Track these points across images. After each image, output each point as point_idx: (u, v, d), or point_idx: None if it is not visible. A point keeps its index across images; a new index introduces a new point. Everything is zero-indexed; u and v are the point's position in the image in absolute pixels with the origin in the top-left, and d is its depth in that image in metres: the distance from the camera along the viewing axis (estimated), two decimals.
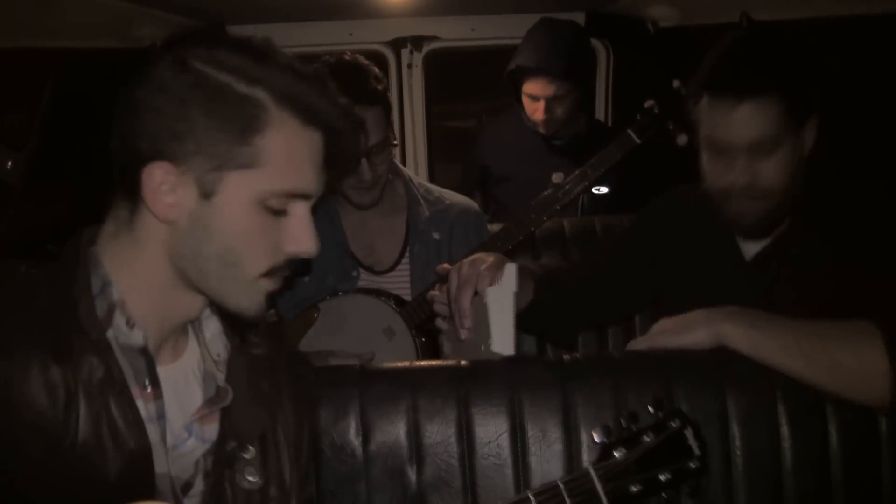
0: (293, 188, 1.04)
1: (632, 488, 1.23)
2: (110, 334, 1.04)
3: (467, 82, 4.86)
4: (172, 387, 1.11)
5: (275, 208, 1.03)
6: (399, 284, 2.12)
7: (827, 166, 1.57)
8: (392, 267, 2.15)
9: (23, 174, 2.54)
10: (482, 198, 3.11)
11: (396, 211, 2.18)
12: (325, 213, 2.14)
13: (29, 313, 1.02)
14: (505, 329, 1.48)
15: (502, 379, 1.46)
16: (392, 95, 3.11)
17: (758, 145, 1.49)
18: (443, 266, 1.95)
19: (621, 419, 1.26)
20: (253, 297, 1.07)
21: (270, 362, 1.23)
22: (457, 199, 2.23)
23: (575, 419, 1.43)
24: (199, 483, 1.10)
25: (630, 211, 2.70)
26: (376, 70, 2.03)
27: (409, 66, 3.26)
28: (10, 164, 2.54)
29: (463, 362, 1.52)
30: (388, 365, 1.56)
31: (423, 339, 2.03)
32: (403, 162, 3.28)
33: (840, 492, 1.42)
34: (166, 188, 1.00)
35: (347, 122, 1.06)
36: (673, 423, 1.27)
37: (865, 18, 2.41)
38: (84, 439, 1.00)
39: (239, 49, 1.01)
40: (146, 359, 1.06)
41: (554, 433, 1.43)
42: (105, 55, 2.68)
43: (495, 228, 2.23)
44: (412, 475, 1.43)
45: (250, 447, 1.14)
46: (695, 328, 1.44)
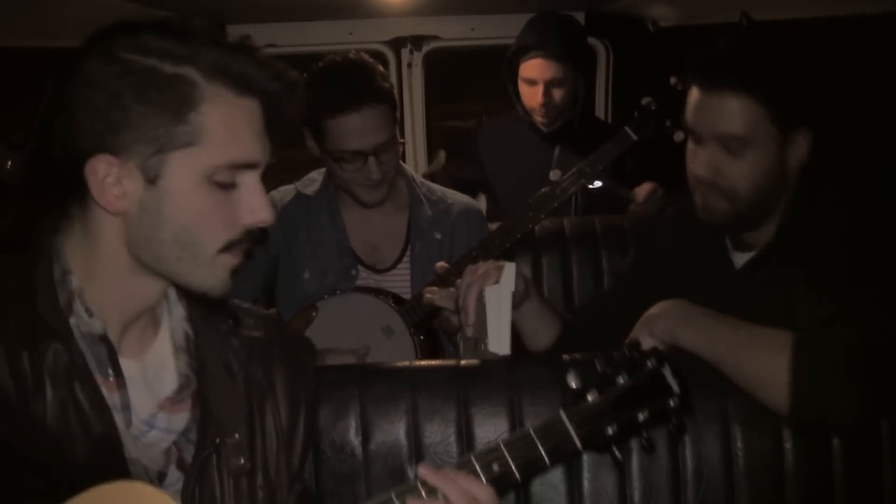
0: (237, 159, 1.03)
1: (608, 430, 1.18)
2: (73, 322, 1.05)
3: (467, 82, 4.86)
4: (141, 377, 1.11)
5: (223, 182, 1.03)
6: (399, 283, 2.12)
7: (820, 172, 1.55)
8: (393, 266, 2.15)
9: (23, 174, 2.54)
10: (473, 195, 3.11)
11: (398, 210, 2.18)
12: (327, 211, 2.15)
13: None
14: (501, 328, 1.48)
15: (502, 379, 1.47)
16: None
17: (724, 141, 1.47)
18: (441, 265, 1.95)
19: (596, 362, 1.22)
20: (217, 275, 1.07)
21: (267, 346, 1.22)
22: (458, 199, 2.23)
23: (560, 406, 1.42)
24: (174, 472, 1.09)
25: (623, 205, 2.72)
26: (382, 68, 2.03)
27: (409, 66, 3.26)
28: (10, 164, 2.54)
29: (463, 362, 1.52)
30: (388, 365, 1.56)
31: (422, 338, 2.03)
32: (403, 161, 3.27)
33: (841, 493, 1.41)
34: (111, 180, 1.01)
35: (281, 85, 1.05)
36: (649, 363, 1.22)
37: (865, 18, 2.41)
38: (52, 425, 1.00)
39: (160, 32, 1.01)
40: (107, 347, 1.06)
41: None
42: None
43: (493, 227, 2.23)
44: (412, 475, 1.43)
45: (235, 434, 1.13)
46: (640, 332, 1.46)
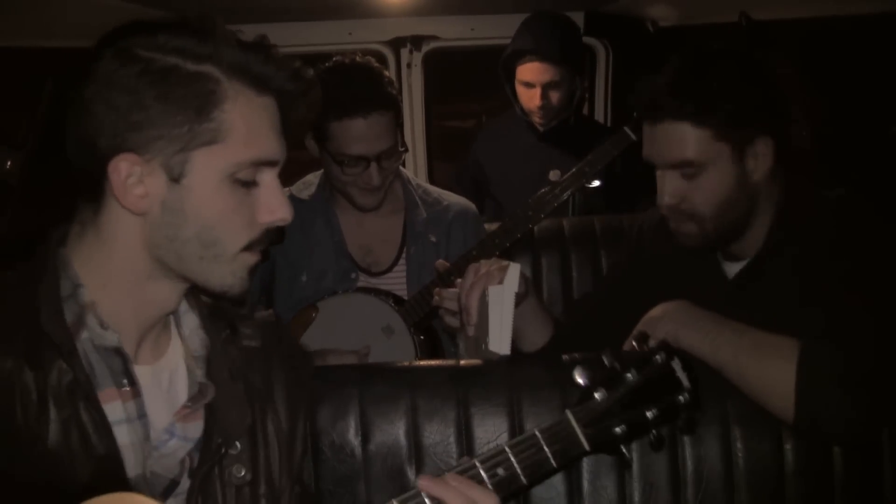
0: (259, 156, 1.04)
1: (616, 430, 1.15)
2: (84, 336, 1.03)
3: (467, 82, 4.87)
4: (156, 385, 1.10)
5: (245, 180, 1.04)
6: (395, 286, 2.12)
7: (809, 176, 1.55)
8: (389, 268, 2.15)
9: (23, 174, 2.54)
10: (476, 200, 3.10)
11: (394, 212, 2.18)
12: (323, 215, 2.14)
13: None
14: (503, 328, 1.48)
15: (502, 379, 1.46)
16: None
17: (678, 167, 1.49)
18: (441, 262, 1.95)
19: (604, 358, 1.18)
20: (237, 273, 1.07)
21: (265, 355, 1.22)
22: (455, 201, 2.23)
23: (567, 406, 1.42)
24: (186, 481, 1.09)
25: (622, 204, 2.72)
26: (388, 73, 2.03)
27: (409, 66, 3.26)
28: (10, 164, 2.54)
29: (463, 362, 1.52)
30: (388, 365, 1.56)
31: (422, 338, 2.03)
32: (402, 162, 3.27)
33: (841, 493, 1.41)
34: (134, 180, 1.00)
35: (298, 84, 1.06)
36: (658, 357, 1.18)
37: (865, 18, 2.41)
38: (54, 445, 0.99)
39: (179, 31, 1.00)
40: (122, 358, 1.05)
41: None
42: None
43: (493, 227, 2.23)
44: (411, 475, 1.43)
45: (237, 443, 1.13)
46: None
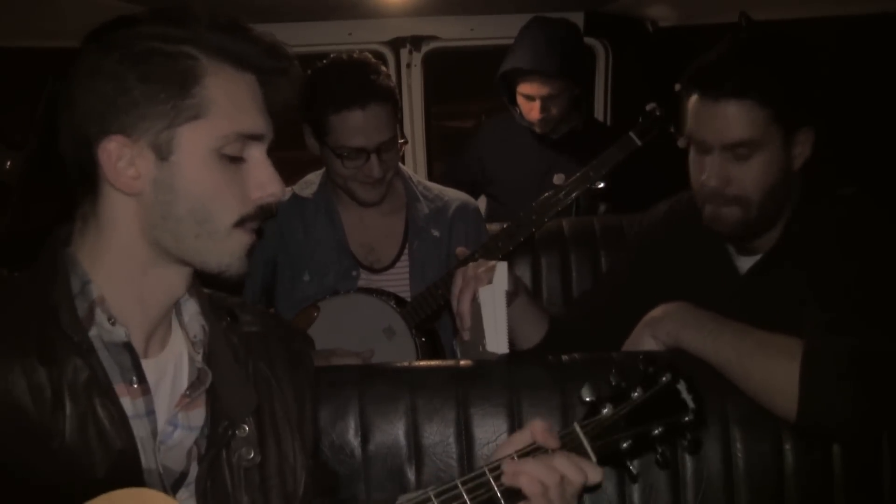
0: (242, 129, 1.06)
1: (622, 444, 1.19)
2: (94, 332, 1.04)
3: (466, 82, 4.86)
4: (162, 377, 1.11)
5: (232, 155, 1.06)
6: (398, 282, 2.12)
7: (822, 174, 1.55)
8: (391, 265, 2.15)
9: (22, 174, 2.54)
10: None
11: (395, 209, 2.18)
12: (325, 212, 2.15)
13: (10, 317, 1.03)
14: (498, 328, 1.48)
15: (501, 379, 1.47)
16: None
17: (733, 148, 1.47)
18: (461, 249, 1.96)
19: (611, 377, 1.22)
20: (235, 253, 1.08)
21: (266, 339, 1.23)
22: (455, 196, 2.23)
23: (574, 419, 1.42)
24: (194, 471, 1.10)
25: (626, 205, 2.71)
26: (385, 68, 2.04)
27: (409, 66, 3.26)
28: (10, 164, 2.54)
29: (462, 362, 1.52)
30: (388, 365, 1.56)
31: (423, 339, 2.03)
32: (403, 161, 3.27)
33: (841, 494, 1.42)
34: (124, 162, 1.03)
35: (275, 60, 1.09)
36: (664, 378, 1.22)
37: (865, 18, 2.41)
38: (71, 441, 1.00)
39: (156, 19, 1.04)
40: (131, 355, 1.06)
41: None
42: None
43: (493, 228, 2.23)
44: (411, 475, 1.43)
45: (244, 426, 1.14)
46: (643, 334, 1.46)
